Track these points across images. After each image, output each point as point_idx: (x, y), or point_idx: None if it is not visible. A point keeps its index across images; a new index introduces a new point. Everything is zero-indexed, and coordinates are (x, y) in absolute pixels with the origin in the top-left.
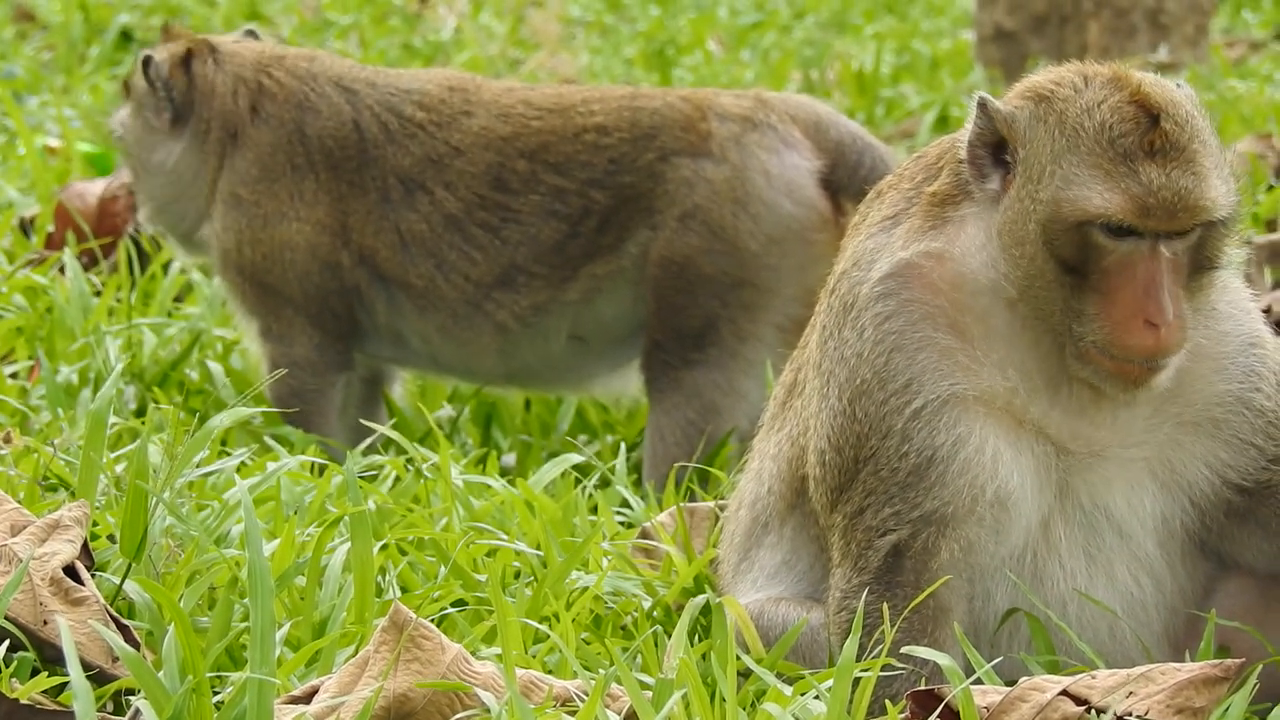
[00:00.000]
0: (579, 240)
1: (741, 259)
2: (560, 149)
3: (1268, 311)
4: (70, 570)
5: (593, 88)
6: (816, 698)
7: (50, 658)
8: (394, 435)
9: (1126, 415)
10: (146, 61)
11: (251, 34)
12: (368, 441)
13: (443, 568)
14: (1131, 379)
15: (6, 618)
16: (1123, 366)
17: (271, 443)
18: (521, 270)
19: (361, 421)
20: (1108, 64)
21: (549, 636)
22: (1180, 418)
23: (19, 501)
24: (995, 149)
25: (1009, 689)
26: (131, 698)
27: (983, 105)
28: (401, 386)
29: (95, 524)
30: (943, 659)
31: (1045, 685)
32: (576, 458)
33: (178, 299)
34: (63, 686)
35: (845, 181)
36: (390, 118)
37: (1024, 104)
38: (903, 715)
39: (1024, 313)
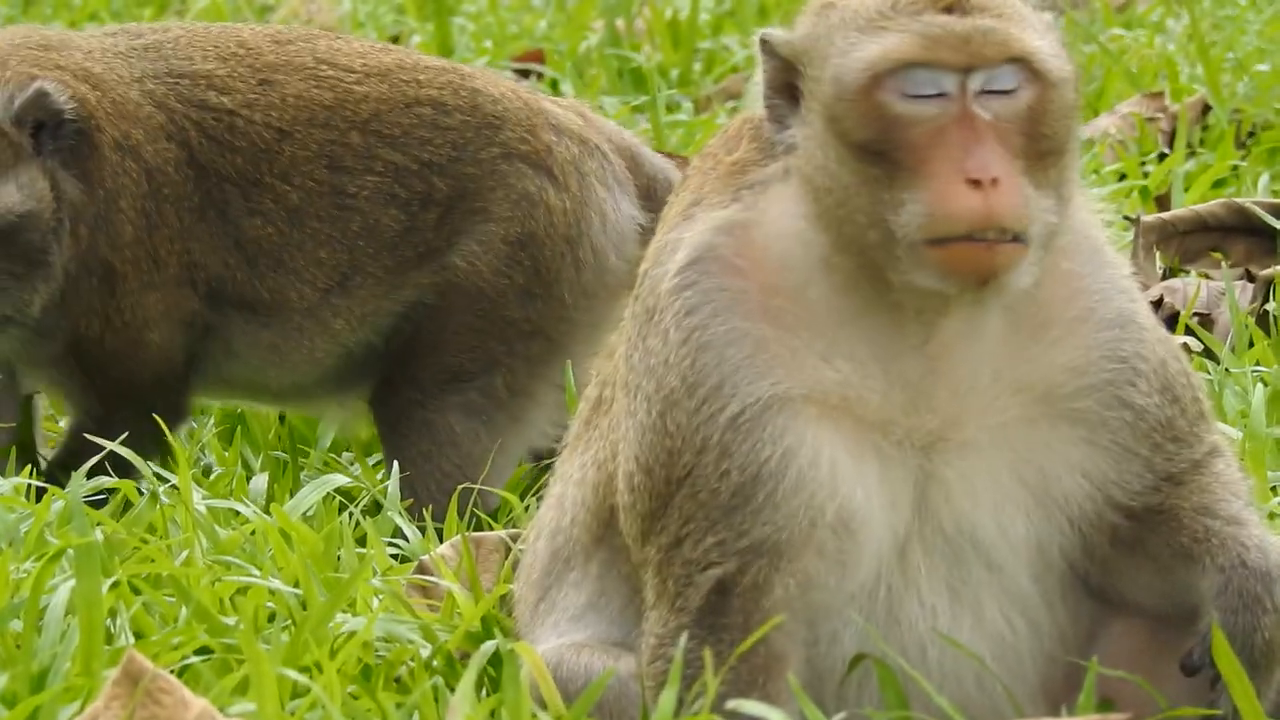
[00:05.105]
0: (415, 237)
1: (549, 307)
2: (394, 120)
3: (1158, 305)
4: None
5: (387, 49)
6: None
7: None
8: (124, 452)
9: (968, 376)
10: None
11: None
12: (92, 460)
13: (184, 609)
14: (971, 265)
15: None
16: (955, 252)
17: None
18: (359, 270)
19: (85, 436)
20: None
21: (310, 689)
22: (1035, 395)
23: None
24: (789, 90)
25: None
26: None
27: (764, 43)
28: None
29: None
30: (775, 715)
31: None
32: (341, 479)
33: None
34: None
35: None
36: (202, 115)
37: (806, 20)
38: None
39: (845, 269)
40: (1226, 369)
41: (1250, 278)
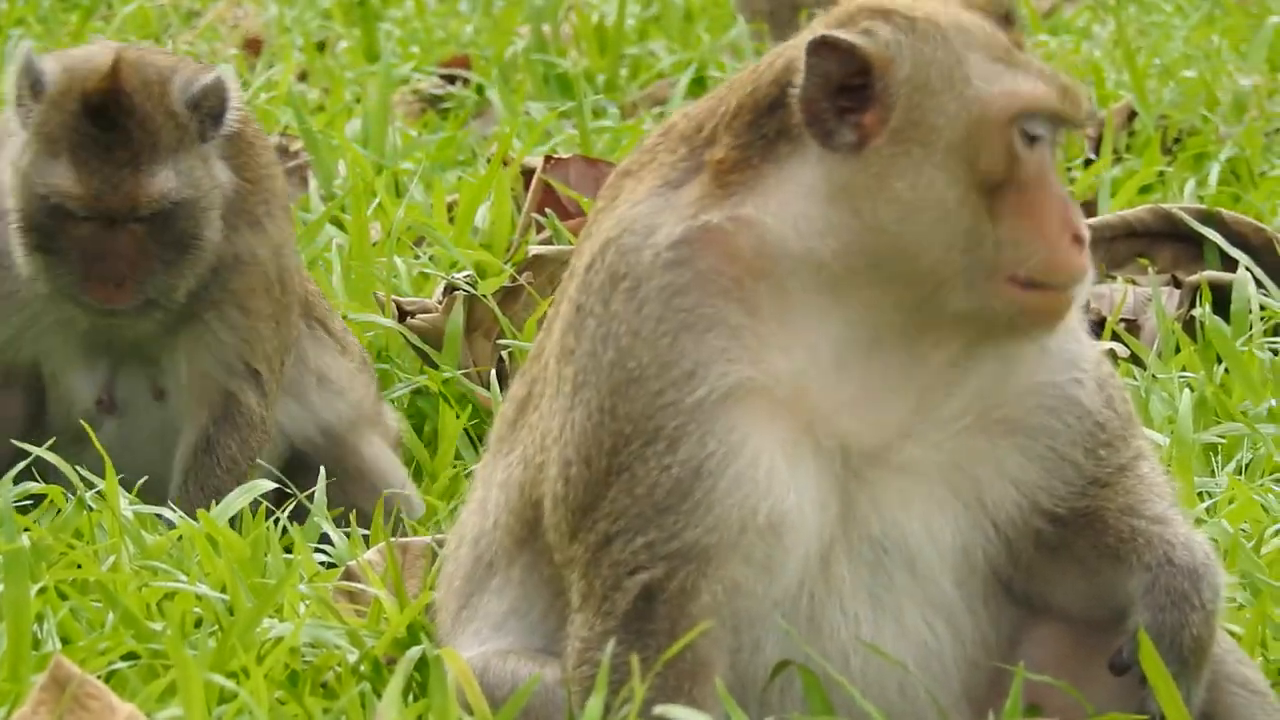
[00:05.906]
0: None
1: None
2: None
3: (1084, 310)
4: None
5: None
6: None
7: None
8: (51, 458)
9: (933, 397)
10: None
11: None
12: (20, 465)
13: (111, 614)
14: (1056, 313)
15: None
16: (1048, 298)
17: None
18: None
19: (14, 443)
20: None
21: (237, 695)
22: (994, 416)
23: None
24: (838, 95)
25: None
26: None
27: (833, 45)
28: None
29: None
30: None
31: None
32: (267, 484)
33: None
34: None
35: None
36: None
37: (897, 31)
38: None
39: (848, 278)
40: (1153, 375)
41: (1177, 284)
